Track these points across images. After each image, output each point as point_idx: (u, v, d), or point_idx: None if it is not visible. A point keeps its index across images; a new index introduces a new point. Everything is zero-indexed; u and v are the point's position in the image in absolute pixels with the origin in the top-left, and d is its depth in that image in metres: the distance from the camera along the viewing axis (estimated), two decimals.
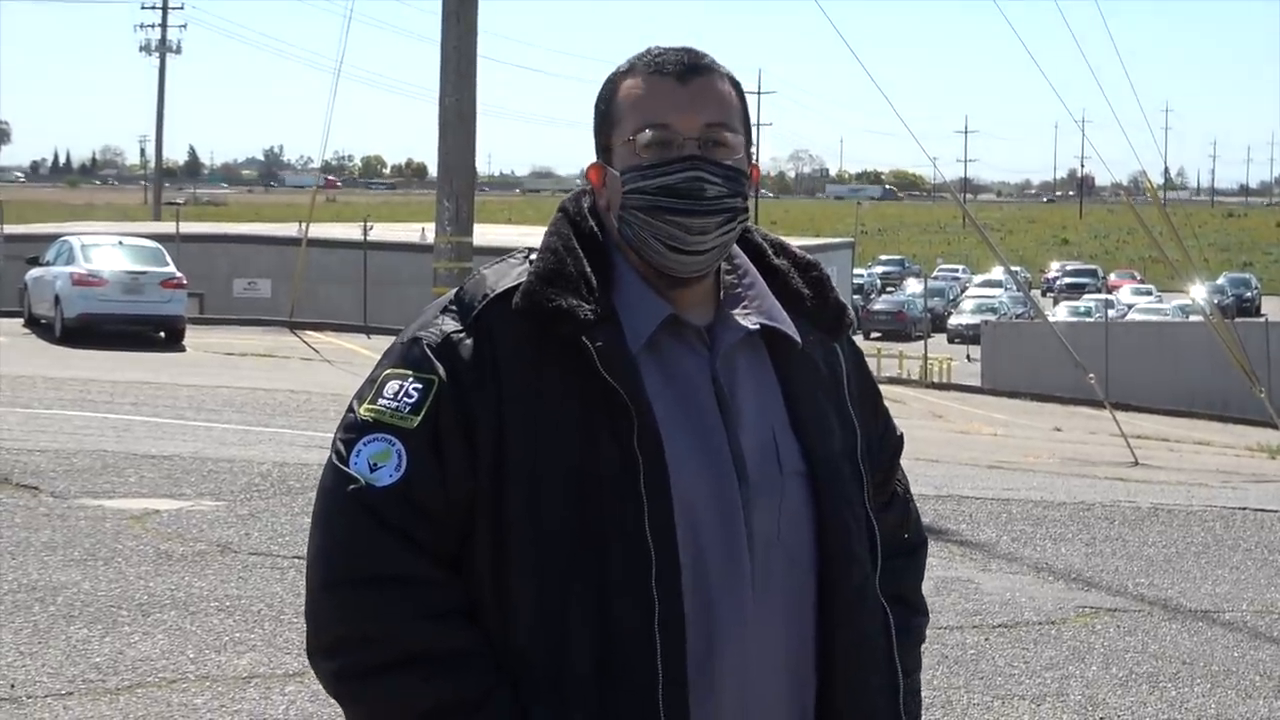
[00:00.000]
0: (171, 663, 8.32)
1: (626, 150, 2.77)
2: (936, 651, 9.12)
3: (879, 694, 2.85)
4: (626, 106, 2.79)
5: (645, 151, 2.75)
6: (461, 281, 2.83)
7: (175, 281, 32.35)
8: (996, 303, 76.56)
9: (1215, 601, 11.04)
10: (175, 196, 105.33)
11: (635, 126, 2.76)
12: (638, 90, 2.79)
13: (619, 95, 2.81)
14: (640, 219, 2.75)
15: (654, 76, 2.79)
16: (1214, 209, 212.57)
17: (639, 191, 2.75)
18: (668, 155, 2.75)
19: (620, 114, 2.79)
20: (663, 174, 2.74)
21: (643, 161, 2.75)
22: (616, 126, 2.80)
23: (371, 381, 2.78)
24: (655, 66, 2.80)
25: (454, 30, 20.76)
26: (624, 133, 2.78)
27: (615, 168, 2.79)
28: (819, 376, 2.87)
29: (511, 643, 2.67)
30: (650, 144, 2.75)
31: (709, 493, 2.70)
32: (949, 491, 15.46)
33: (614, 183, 2.79)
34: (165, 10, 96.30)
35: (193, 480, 13.54)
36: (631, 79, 2.81)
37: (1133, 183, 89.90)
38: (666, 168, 2.74)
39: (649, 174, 2.74)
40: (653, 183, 2.74)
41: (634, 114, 2.78)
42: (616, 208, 2.79)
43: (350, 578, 2.67)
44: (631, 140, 2.76)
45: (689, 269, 2.76)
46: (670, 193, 2.73)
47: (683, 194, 2.73)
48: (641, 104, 2.77)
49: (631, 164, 2.76)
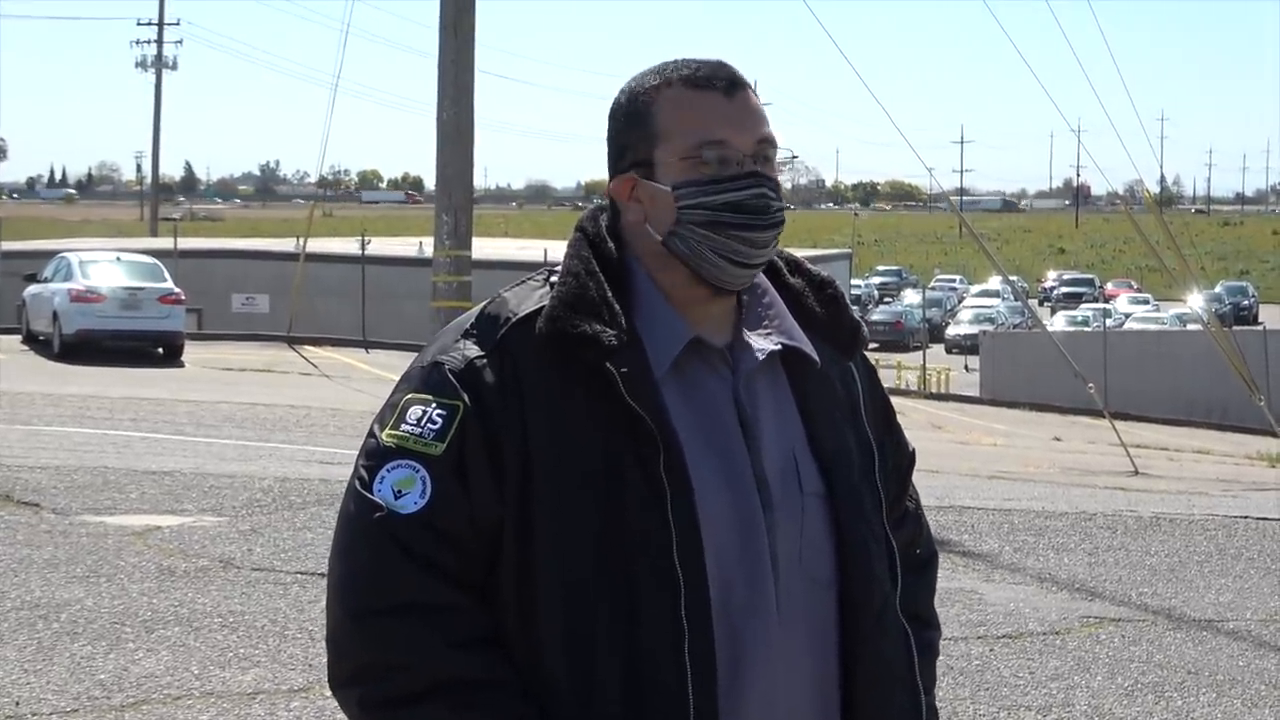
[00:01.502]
0: (176, 679, 8.31)
1: (681, 165, 2.73)
2: (941, 663, 9.03)
3: (902, 714, 2.84)
4: (675, 120, 2.75)
5: (704, 167, 2.72)
6: (462, 296, 2.80)
7: (173, 297, 32.33)
8: (994, 312, 76.58)
9: (1219, 610, 11.03)
10: (172, 212, 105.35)
11: (692, 142, 2.73)
12: (685, 103, 2.75)
13: (662, 108, 2.76)
14: (700, 234, 2.72)
15: (699, 90, 2.76)
16: (1210, 217, 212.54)
17: (701, 207, 2.72)
18: (726, 171, 2.72)
19: (667, 128, 2.75)
20: (727, 190, 2.72)
21: (702, 177, 2.72)
22: (664, 141, 2.75)
23: (392, 407, 2.74)
24: (698, 80, 2.76)
25: (451, 44, 20.77)
26: (675, 148, 2.74)
27: (661, 182, 2.75)
28: (836, 396, 2.86)
29: (539, 671, 2.64)
30: (708, 161, 2.72)
31: (734, 517, 2.68)
32: (950, 502, 15.45)
33: (659, 198, 2.75)
34: (161, 26, 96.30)
35: (194, 496, 13.53)
36: (673, 91, 2.76)
37: (1129, 192, 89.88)
38: (731, 184, 2.72)
39: (710, 190, 2.72)
40: (716, 199, 2.71)
41: (687, 128, 2.74)
42: (666, 223, 2.74)
43: (375, 606, 2.64)
44: (692, 156, 2.73)
45: (742, 281, 2.76)
46: (735, 209, 2.71)
47: (748, 210, 2.72)
48: (694, 118, 2.74)
49: (688, 179, 2.73)
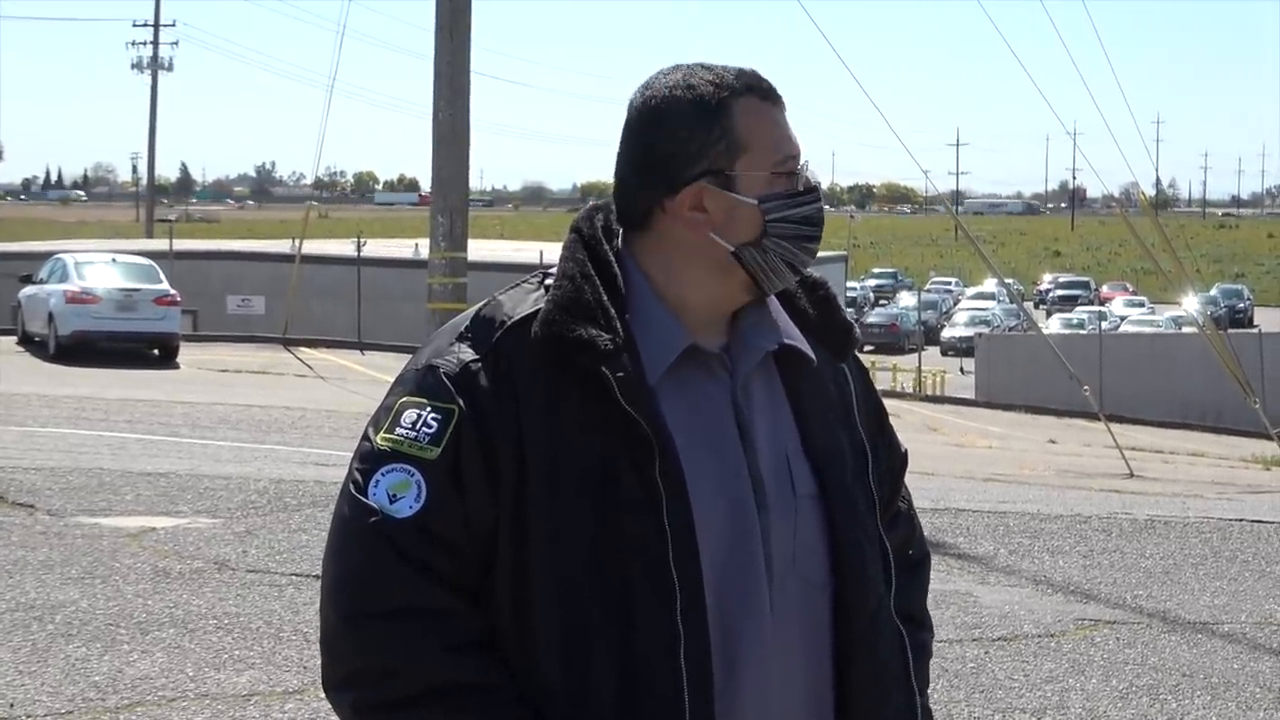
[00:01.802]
0: (171, 681, 8.30)
1: (765, 179, 2.73)
2: (936, 665, 9.10)
3: (898, 715, 2.84)
4: (757, 133, 2.74)
5: (782, 181, 2.74)
6: (458, 298, 2.80)
7: (169, 299, 32.32)
8: (989, 315, 76.67)
9: (1214, 613, 11.04)
10: (168, 213, 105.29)
11: (778, 157, 2.74)
12: (763, 116, 2.76)
13: (740, 119, 2.74)
14: (784, 247, 2.73)
15: (768, 104, 2.77)
16: (1205, 220, 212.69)
17: (787, 220, 2.73)
18: (795, 185, 2.75)
19: (748, 140, 2.73)
20: (803, 204, 2.75)
21: (784, 191, 2.74)
22: (745, 153, 2.73)
23: (387, 410, 2.73)
24: (764, 92, 2.77)
25: (447, 46, 20.77)
26: (761, 161, 2.73)
27: (744, 194, 2.73)
28: (829, 397, 2.86)
29: (534, 674, 2.64)
30: (793, 175, 2.75)
31: (729, 519, 2.68)
32: (946, 504, 15.46)
33: (740, 209, 2.73)
34: (157, 27, 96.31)
35: (189, 498, 13.52)
36: (747, 102, 2.75)
37: (1124, 194, 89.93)
38: (805, 198, 2.75)
39: (794, 204, 2.74)
40: (797, 212, 2.74)
41: (769, 142, 2.74)
42: (745, 234, 2.73)
43: (370, 610, 2.63)
44: (780, 171, 2.74)
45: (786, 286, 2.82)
46: (810, 222, 2.75)
47: (815, 223, 2.76)
48: (773, 132, 2.75)
49: (774, 193, 2.73)
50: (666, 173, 2.74)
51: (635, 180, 2.78)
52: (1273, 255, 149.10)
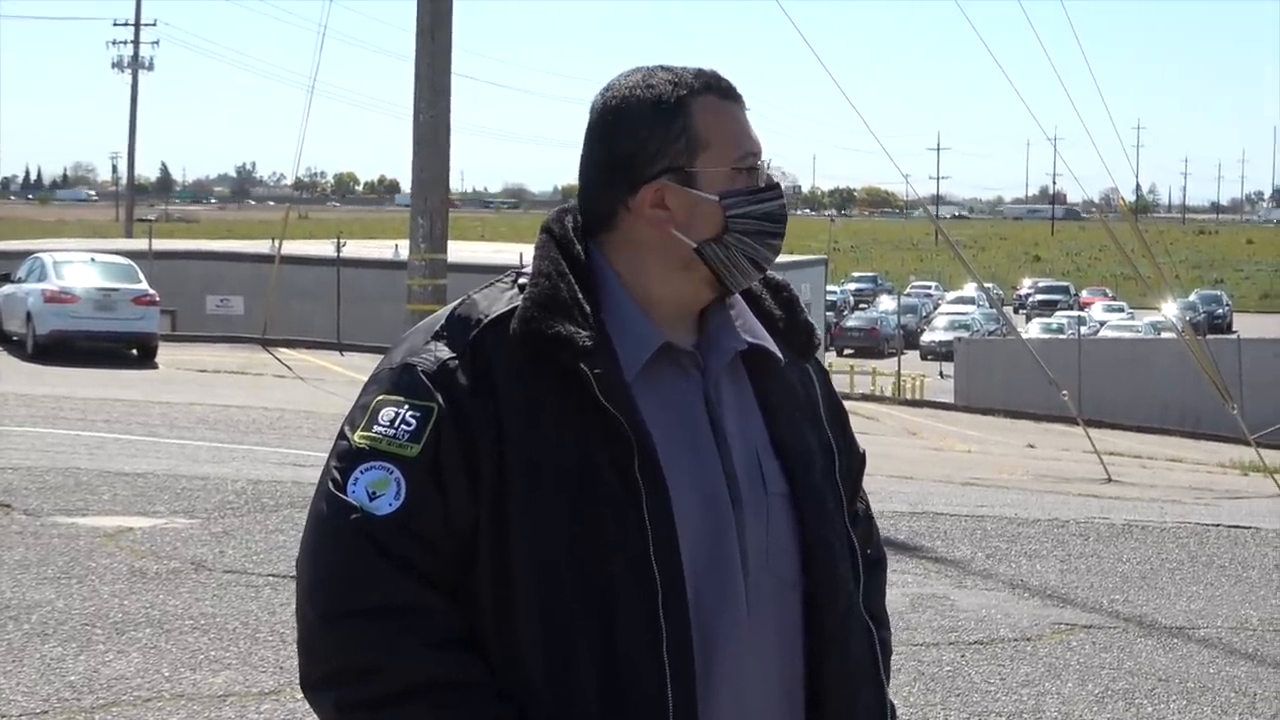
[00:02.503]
0: (146, 681, 8.29)
1: (726, 176, 2.76)
2: (913, 669, 9.12)
3: (869, 712, 2.86)
4: (717, 130, 2.77)
5: (743, 178, 2.77)
6: (437, 300, 2.80)
7: (148, 298, 32.26)
8: (969, 319, 76.69)
9: (1190, 618, 11.06)
10: (147, 213, 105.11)
11: (738, 154, 2.77)
12: (722, 114, 2.79)
13: (701, 117, 2.77)
14: (745, 242, 2.76)
15: (729, 103, 2.80)
16: (1185, 226, 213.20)
17: (748, 216, 2.76)
18: (756, 182, 2.78)
19: (709, 138, 2.76)
20: (766, 200, 2.78)
21: (746, 187, 2.77)
22: (706, 150, 2.76)
23: (363, 408, 2.73)
24: (724, 90, 2.80)
25: (428, 48, 20.76)
26: (722, 158, 2.76)
27: (705, 191, 2.76)
28: (795, 397, 2.89)
29: (516, 671, 2.64)
30: (753, 171, 2.77)
31: (706, 516, 2.70)
32: (923, 508, 15.48)
33: (701, 206, 2.76)
34: (138, 27, 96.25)
35: (166, 498, 13.50)
36: (706, 100, 2.78)
37: (1104, 200, 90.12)
38: (766, 194, 2.78)
39: (754, 200, 2.77)
40: (758, 208, 2.76)
41: (730, 139, 2.77)
42: (707, 231, 2.76)
43: (351, 608, 2.63)
44: (740, 167, 2.77)
45: (751, 283, 2.84)
46: (771, 218, 2.78)
47: (778, 219, 2.79)
48: (733, 129, 2.78)
49: (735, 190, 2.76)
50: (628, 172, 2.77)
51: (599, 181, 2.81)
52: (1252, 261, 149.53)
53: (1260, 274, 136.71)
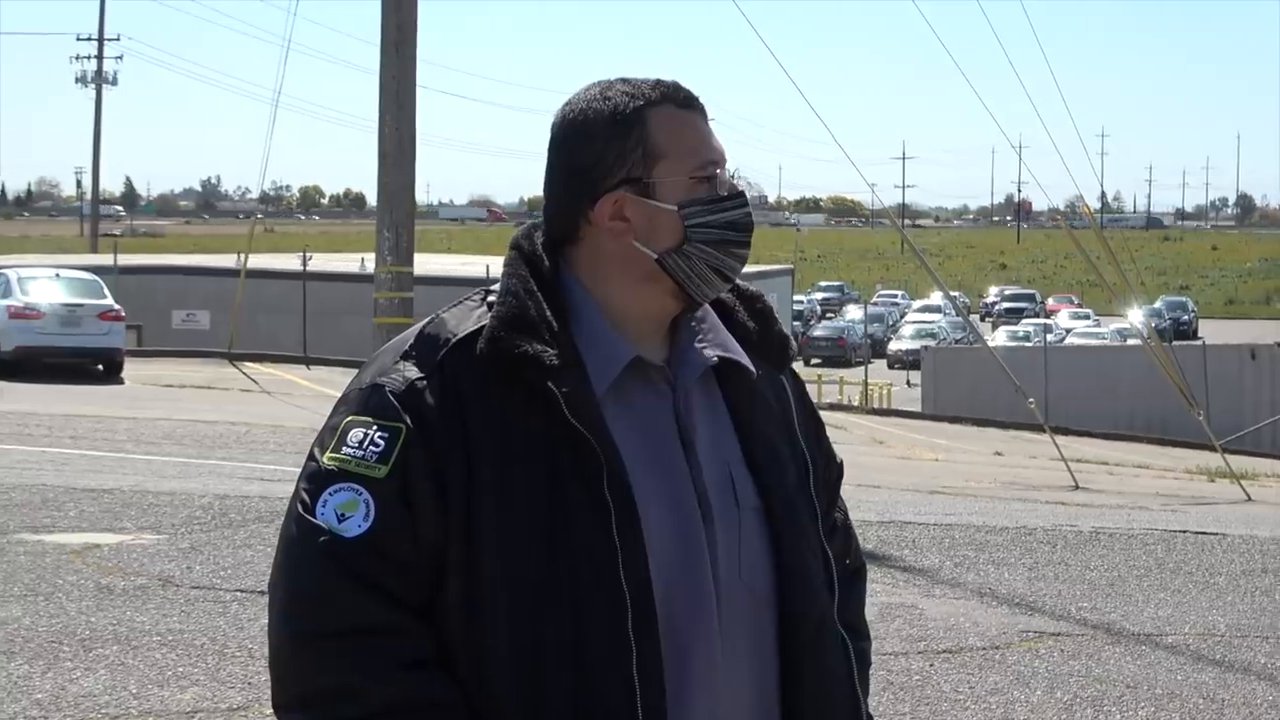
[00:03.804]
0: (114, 698, 8.26)
1: (684, 185, 2.76)
2: (882, 678, 9.13)
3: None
4: (675, 140, 2.77)
5: (707, 187, 2.77)
6: (404, 313, 2.79)
7: (113, 314, 32.16)
8: (936, 328, 76.79)
9: (1158, 625, 11.09)
10: (112, 228, 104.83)
11: (696, 163, 2.77)
12: (680, 123, 2.79)
13: (658, 127, 2.77)
14: (707, 252, 2.75)
15: (688, 112, 2.80)
16: (1150, 233, 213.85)
17: (708, 226, 2.76)
18: (719, 191, 2.77)
19: (666, 148, 2.77)
20: (728, 209, 2.77)
21: (705, 196, 2.76)
22: (663, 160, 2.76)
23: (332, 429, 2.73)
24: (683, 100, 2.81)
25: (393, 62, 20.73)
26: (680, 167, 2.76)
27: (663, 201, 2.76)
28: (769, 410, 2.88)
29: (487, 691, 2.63)
30: (713, 180, 2.77)
31: (676, 533, 2.69)
32: (891, 517, 15.50)
33: (660, 216, 2.76)
34: (101, 42, 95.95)
35: (133, 514, 13.46)
36: (663, 110, 2.78)
37: (1069, 207, 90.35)
38: (730, 203, 2.78)
39: (715, 209, 2.76)
40: (720, 217, 2.76)
41: (687, 149, 2.77)
42: (667, 241, 2.76)
43: (321, 630, 2.62)
44: (698, 176, 2.76)
45: (718, 294, 2.83)
46: (735, 227, 2.77)
47: (743, 228, 2.79)
48: (693, 139, 2.78)
49: (695, 199, 2.76)
50: (587, 184, 2.77)
51: (561, 194, 2.81)
52: (1216, 267, 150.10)
53: (1225, 280, 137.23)
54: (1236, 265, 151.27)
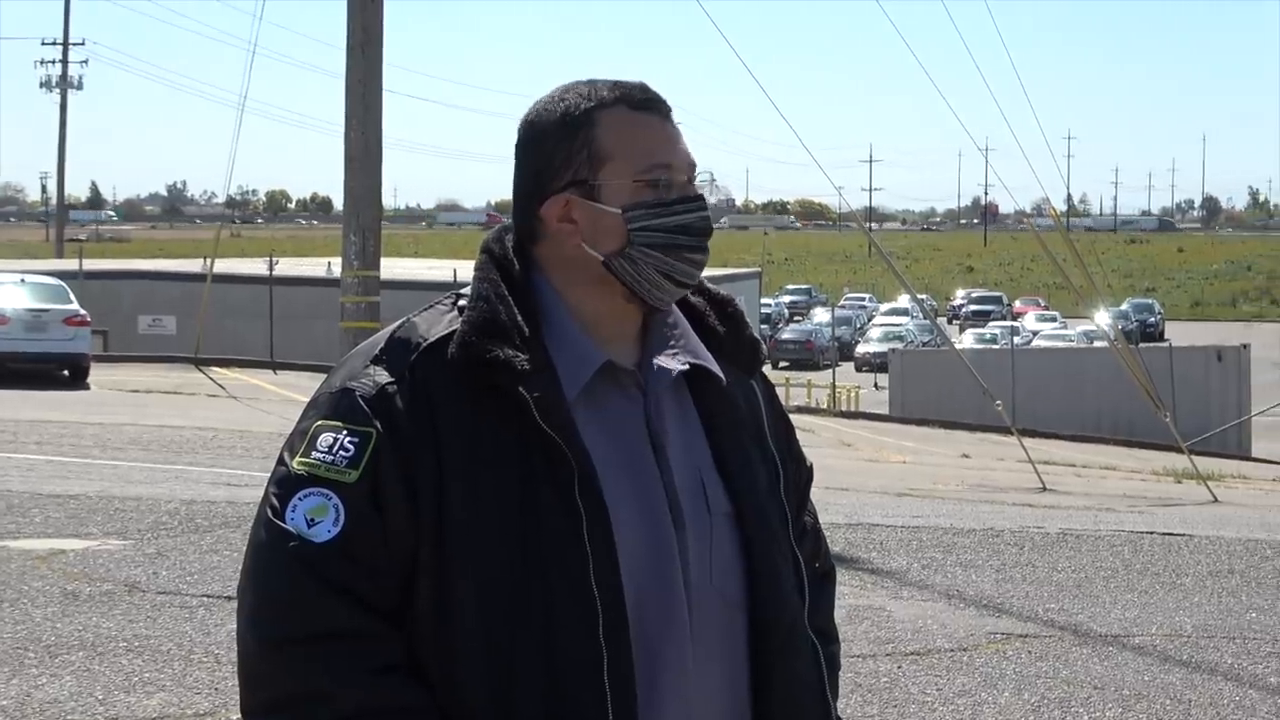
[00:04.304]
0: (80, 705, 8.22)
1: (629, 188, 2.74)
2: (850, 680, 9.13)
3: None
4: (621, 143, 2.75)
5: (654, 190, 2.74)
6: (371, 317, 2.78)
7: (79, 319, 32.04)
8: (903, 330, 76.96)
9: (1125, 626, 11.11)
10: (78, 233, 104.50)
11: (642, 165, 2.74)
12: (630, 125, 2.76)
13: (605, 130, 2.76)
14: (653, 256, 2.73)
15: (640, 113, 2.77)
16: (1116, 235, 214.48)
17: (654, 229, 2.73)
18: (669, 195, 2.75)
19: (613, 149, 2.75)
20: (678, 212, 2.75)
21: (652, 199, 2.74)
22: (608, 163, 2.75)
23: (302, 434, 2.71)
24: (639, 102, 2.78)
25: (359, 65, 20.71)
26: (624, 170, 2.74)
27: (607, 204, 2.75)
28: (740, 415, 2.87)
29: (457, 697, 2.63)
30: (654, 183, 2.74)
31: (647, 539, 2.69)
32: (859, 519, 15.51)
33: (605, 219, 2.74)
34: (66, 46, 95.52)
35: (99, 519, 13.41)
36: (614, 112, 2.77)
37: (1036, 210, 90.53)
38: (681, 206, 2.75)
39: (662, 212, 2.74)
40: (667, 221, 2.74)
41: (634, 151, 2.75)
42: (612, 244, 2.74)
43: (292, 635, 2.61)
44: (644, 179, 2.74)
45: (674, 299, 2.81)
46: (686, 231, 2.75)
47: (696, 232, 2.76)
48: (642, 142, 2.76)
49: (640, 202, 2.74)
50: (540, 186, 2.78)
51: (521, 196, 2.82)
52: (1183, 270, 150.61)
53: (1191, 282, 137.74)
54: (1202, 267, 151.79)
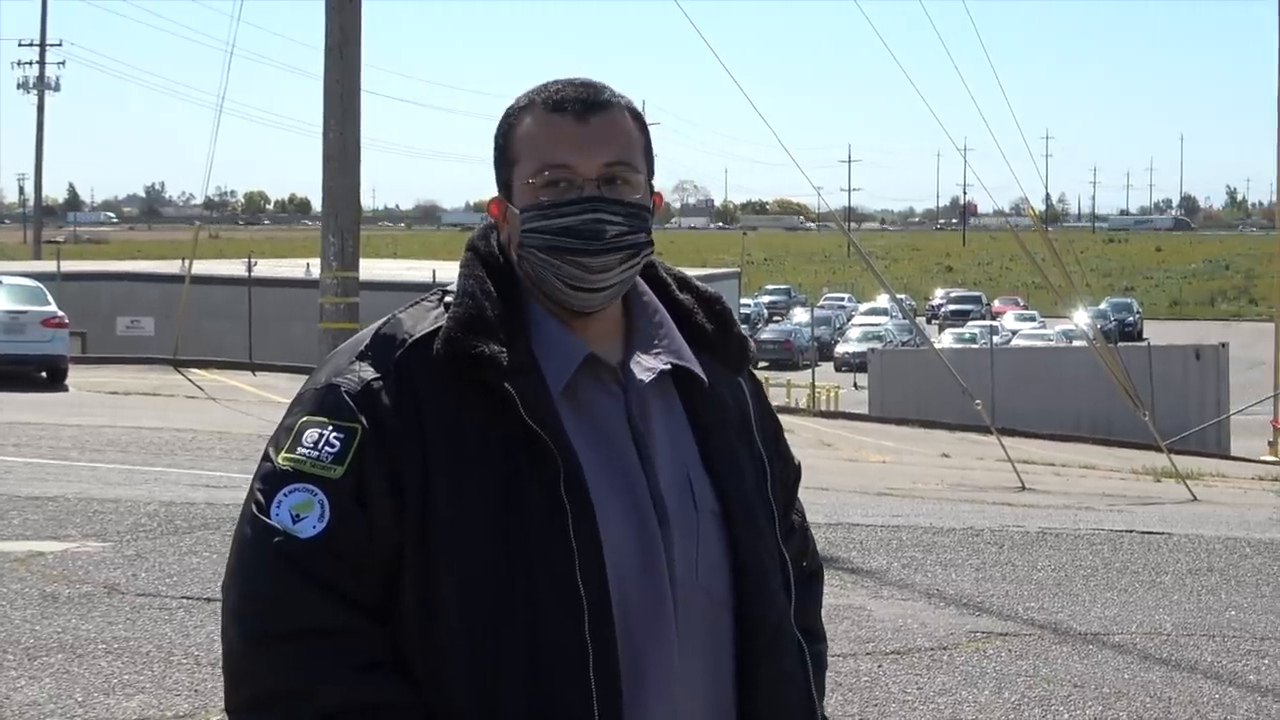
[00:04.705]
0: (60, 707, 8.20)
1: (526, 189, 2.76)
2: (830, 679, 9.07)
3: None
4: (525, 145, 2.77)
5: (544, 192, 2.74)
6: (350, 318, 2.79)
7: (57, 320, 31.96)
8: (882, 330, 77.05)
9: (1104, 624, 11.12)
10: (56, 234, 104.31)
11: (535, 167, 2.75)
12: (536, 128, 2.77)
13: (517, 132, 2.79)
14: (540, 258, 2.74)
15: (553, 114, 2.77)
16: (1095, 234, 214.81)
17: (538, 231, 2.74)
18: (567, 195, 2.73)
19: (519, 152, 2.78)
20: (562, 214, 2.73)
21: (541, 201, 2.74)
22: (516, 165, 2.78)
23: (287, 430, 2.72)
24: (554, 104, 2.78)
25: (337, 66, 20.69)
26: (524, 172, 2.76)
27: (515, 205, 2.77)
28: (727, 413, 2.87)
29: (442, 693, 2.63)
30: (549, 184, 2.74)
31: (632, 536, 2.69)
32: (839, 519, 15.51)
33: (513, 221, 2.78)
34: (43, 47, 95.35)
35: (78, 521, 13.37)
36: (530, 116, 2.78)
37: (1014, 209, 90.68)
38: (566, 208, 2.73)
39: (549, 214, 2.73)
40: (552, 223, 2.73)
41: (533, 153, 2.76)
42: (516, 245, 2.78)
43: (276, 631, 2.61)
44: (531, 181, 2.75)
45: (590, 305, 2.77)
46: (570, 233, 2.72)
47: (583, 234, 2.72)
48: (541, 143, 2.76)
49: (530, 203, 2.75)
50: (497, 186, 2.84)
51: None
52: (1161, 268, 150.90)
53: (1169, 281, 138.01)
54: (1181, 266, 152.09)
